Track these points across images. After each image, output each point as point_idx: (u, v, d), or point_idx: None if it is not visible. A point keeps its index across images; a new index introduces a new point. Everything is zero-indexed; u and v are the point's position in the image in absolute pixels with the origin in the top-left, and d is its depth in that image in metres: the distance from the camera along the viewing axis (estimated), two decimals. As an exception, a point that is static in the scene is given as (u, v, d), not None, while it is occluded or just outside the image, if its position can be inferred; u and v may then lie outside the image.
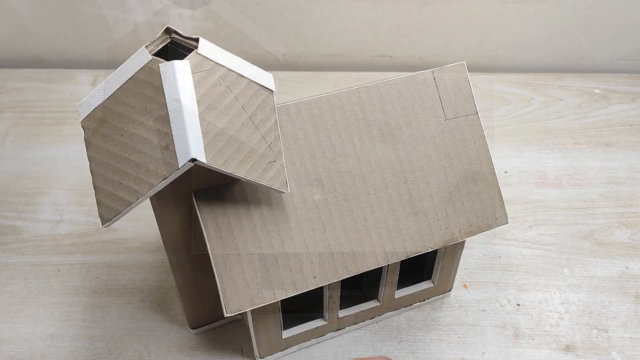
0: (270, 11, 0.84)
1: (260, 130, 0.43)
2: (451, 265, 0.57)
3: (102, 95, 0.41)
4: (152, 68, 0.39)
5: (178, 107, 0.38)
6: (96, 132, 0.41)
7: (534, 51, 0.89)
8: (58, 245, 0.67)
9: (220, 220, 0.45)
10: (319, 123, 0.48)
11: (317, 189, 0.48)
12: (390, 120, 0.50)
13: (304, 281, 0.47)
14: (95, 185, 0.41)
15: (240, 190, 0.46)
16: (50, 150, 0.77)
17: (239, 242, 0.45)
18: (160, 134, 0.39)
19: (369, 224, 0.48)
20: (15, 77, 0.87)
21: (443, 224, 0.50)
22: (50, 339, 0.59)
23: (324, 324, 0.56)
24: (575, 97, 0.85)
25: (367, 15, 0.85)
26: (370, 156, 0.49)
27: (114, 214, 0.41)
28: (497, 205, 0.52)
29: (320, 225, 0.47)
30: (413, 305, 0.60)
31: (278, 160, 0.44)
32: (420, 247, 0.50)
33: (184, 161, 0.38)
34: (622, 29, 0.86)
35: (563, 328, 0.59)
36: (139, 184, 0.40)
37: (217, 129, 0.40)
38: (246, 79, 0.43)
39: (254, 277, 0.45)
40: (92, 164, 0.41)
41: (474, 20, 0.85)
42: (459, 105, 0.51)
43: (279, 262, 0.46)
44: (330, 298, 0.53)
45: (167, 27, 0.41)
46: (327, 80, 0.87)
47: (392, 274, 0.54)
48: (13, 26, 0.87)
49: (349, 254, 0.48)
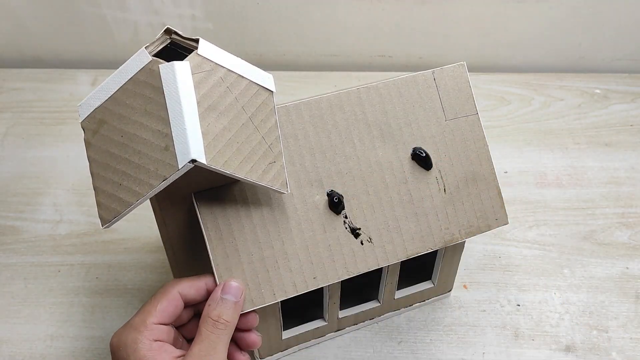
0: (270, 11, 0.84)
1: (261, 131, 0.43)
2: (451, 265, 0.57)
3: (102, 96, 0.41)
4: (152, 69, 0.39)
5: (178, 108, 0.38)
6: (96, 133, 0.41)
7: (534, 51, 0.89)
8: (58, 245, 0.67)
9: (220, 221, 0.45)
10: (319, 123, 0.48)
11: (317, 189, 0.48)
12: (391, 121, 0.50)
13: (304, 282, 0.47)
14: (95, 186, 0.41)
15: (240, 191, 0.46)
16: (50, 150, 0.77)
17: (239, 243, 0.45)
18: (160, 135, 0.39)
19: (369, 225, 0.48)
20: (14, 77, 0.87)
21: (443, 224, 0.50)
22: (50, 340, 0.59)
23: (324, 324, 0.56)
24: (575, 97, 0.85)
25: (367, 15, 0.85)
26: (371, 157, 0.49)
27: (114, 215, 0.41)
28: (497, 206, 0.51)
29: (321, 226, 0.47)
30: (413, 305, 0.60)
31: (278, 161, 0.44)
32: (420, 247, 0.49)
33: (183, 162, 0.38)
34: (622, 29, 0.86)
35: (563, 328, 0.59)
36: (139, 185, 0.39)
37: (217, 130, 0.40)
38: (246, 79, 0.42)
39: (253, 278, 0.45)
40: (92, 165, 0.41)
41: (474, 20, 0.85)
42: (459, 106, 0.51)
43: (279, 262, 0.46)
44: (331, 298, 0.53)
45: (167, 27, 0.41)
46: (327, 80, 0.87)
47: (392, 275, 0.54)
48: (13, 26, 0.87)
49: (348, 255, 0.48)
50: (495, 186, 0.51)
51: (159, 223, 0.48)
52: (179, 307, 0.45)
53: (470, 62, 0.90)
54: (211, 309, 0.44)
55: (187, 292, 0.45)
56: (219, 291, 0.44)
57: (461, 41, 0.88)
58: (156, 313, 0.44)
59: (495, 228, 0.52)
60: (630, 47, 0.88)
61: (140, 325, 0.43)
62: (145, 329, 0.43)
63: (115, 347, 0.44)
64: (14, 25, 0.87)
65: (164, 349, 0.43)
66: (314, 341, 0.58)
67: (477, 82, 0.86)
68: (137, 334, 0.43)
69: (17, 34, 0.88)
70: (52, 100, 0.83)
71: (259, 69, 0.44)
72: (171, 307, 0.44)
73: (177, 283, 0.45)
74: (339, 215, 0.48)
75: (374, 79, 0.50)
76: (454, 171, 0.50)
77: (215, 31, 0.86)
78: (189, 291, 0.45)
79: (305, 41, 0.88)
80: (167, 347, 0.44)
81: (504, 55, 0.90)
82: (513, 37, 0.87)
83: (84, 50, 0.89)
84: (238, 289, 0.44)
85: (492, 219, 0.51)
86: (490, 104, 0.84)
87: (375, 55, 0.90)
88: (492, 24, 0.86)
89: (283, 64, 0.91)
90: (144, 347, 0.42)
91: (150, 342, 0.43)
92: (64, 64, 0.90)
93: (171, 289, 0.45)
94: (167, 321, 0.44)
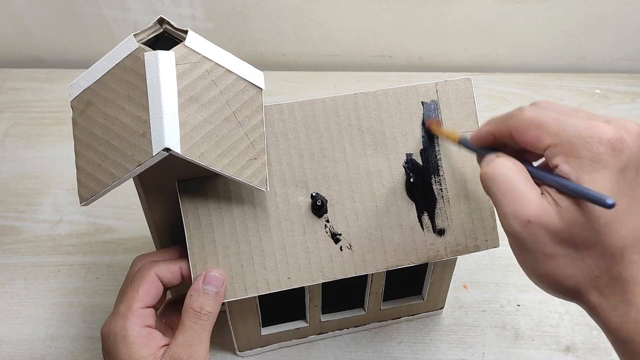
0: (270, 11, 0.84)
1: (244, 126, 0.43)
2: (442, 281, 0.56)
3: (90, 79, 0.42)
4: (137, 56, 0.40)
5: (157, 97, 0.39)
6: (82, 114, 0.42)
7: (534, 51, 0.89)
8: (58, 245, 0.67)
9: (200, 211, 0.45)
10: (311, 125, 0.48)
11: (302, 190, 0.47)
12: (385, 129, 0.49)
13: (277, 281, 0.46)
14: (77, 165, 0.42)
15: (224, 184, 0.46)
16: (50, 150, 0.77)
17: (217, 235, 0.45)
18: (140, 121, 0.39)
19: (351, 232, 0.48)
20: (14, 77, 0.87)
21: (429, 240, 0.49)
22: (49, 340, 0.59)
23: (306, 326, 0.56)
24: (575, 97, 0.85)
25: (367, 15, 0.85)
26: (360, 163, 0.48)
27: (91, 194, 0.41)
28: (489, 227, 0.50)
29: (300, 227, 0.47)
30: (401, 319, 0.59)
31: (260, 158, 0.44)
32: (402, 260, 0.48)
33: (157, 150, 0.39)
34: (622, 29, 0.86)
35: (563, 329, 0.59)
36: (116, 167, 0.40)
37: (196, 122, 0.40)
38: (234, 74, 0.43)
39: (227, 271, 0.46)
40: (76, 144, 0.42)
41: (474, 20, 0.85)
42: (460, 121, 0.49)
43: (255, 259, 0.46)
44: (311, 301, 0.52)
45: (160, 17, 0.42)
46: (327, 80, 0.87)
47: (377, 284, 0.53)
48: (13, 26, 0.87)
49: (326, 259, 0.47)
50: (489, 206, 0.49)
51: (144, 208, 0.49)
52: (160, 288, 0.46)
53: (470, 62, 0.91)
54: (193, 299, 0.44)
55: (163, 274, 0.46)
56: (200, 282, 0.44)
57: (461, 41, 0.88)
58: (140, 297, 0.45)
59: (484, 250, 0.50)
60: (630, 47, 0.88)
61: (127, 312, 0.44)
62: (133, 315, 0.44)
63: (105, 336, 0.44)
64: (14, 25, 0.87)
65: (151, 336, 0.44)
66: (314, 341, 0.58)
67: (477, 82, 0.85)
68: (125, 321, 0.44)
69: (17, 34, 0.88)
70: (52, 100, 0.83)
71: (250, 66, 0.44)
72: (153, 289, 0.45)
73: (152, 266, 0.46)
74: (320, 218, 0.47)
75: (374, 79, 0.50)
76: (447, 187, 0.49)
77: (215, 31, 0.86)
78: (164, 274, 0.46)
79: (305, 41, 0.88)
80: (155, 335, 0.45)
81: (504, 55, 0.90)
82: (513, 37, 0.87)
83: (84, 50, 0.89)
84: (219, 279, 0.45)
85: (482, 239, 0.50)
86: (490, 104, 0.84)
87: (375, 55, 0.90)
88: (492, 24, 0.86)
89: (283, 64, 0.91)
90: (133, 334, 0.43)
91: (139, 329, 0.44)
92: (64, 64, 0.90)
93: (148, 271, 0.46)
94: (150, 304, 0.45)
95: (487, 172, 0.38)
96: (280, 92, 0.84)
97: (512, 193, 0.36)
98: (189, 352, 0.43)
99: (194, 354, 0.43)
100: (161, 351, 0.44)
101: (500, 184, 0.37)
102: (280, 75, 0.86)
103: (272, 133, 0.47)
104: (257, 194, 0.46)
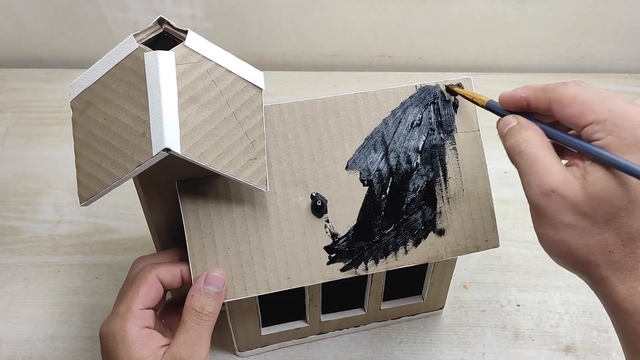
0: (270, 11, 0.84)
1: (244, 126, 0.43)
2: (441, 281, 0.56)
3: (91, 79, 0.42)
4: (137, 56, 0.40)
5: (157, 97, 0.39)
6: (82, 114, 0.42)
7: (534, 51, 0.89)
8: (58, 245, 0.67)
9: (200, 211, 0.45)
10: (311, 125, 0.48)
11: (302, 190, 0.47)
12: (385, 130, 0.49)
13: (277, 281, 0.46)
14: (77, 165, 0.42)
15: (224, 184, 0.46)
16: (50, 150, 0.77)
17: (217, 235, 0.45)
18: (139, 121, 0.39)
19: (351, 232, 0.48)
20: (15, 77, 0.87)
21: (429, 240, 0.49)
22: (50, 340, 0.59)
23: (306, 326, 0.55)
24: (575, 97, 0.85)
25: (367, 15, 0.85)
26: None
27: (91, 194, 0.41)
28: (489, 227, 0.50)
29: (300, 227, 0.47)
30: (402, 319, 0.59)
31: (260, 158, 0.44)
32: (402, 261, 0.48)
33: (157, 150, 0.39)
34: (622, 29, 0.86)
35: (563, 329, 0.59)
36: (115, 167, 0.40)
37: (196, 122, 0.40)
38: (234, 74, 0.43)
39: (227, 271, 0.46)
40: (76, 144, 0.42)
41: (474, 20, 0.85)
42: (459, 121, 0.50)
43: (254, 259, 0.46)
44: (311, 301, 0.52)
45: (160, 17, 0.42)
46: (328, 80, 0.87)
47: (377, 284, 0.53)
48: (13, 26, 0.87)
49: (326, 259, 0.47)
50: (489, 207, 0.50)
51: (144, 208, 0.48)
52: (160, 290, 0.46)
53: (470, 62, 0.91)
54: (194, 300, 0.44)
55: (163, 276, 0.46)
56: (201, 282, 0.45)
57: (461, 41, 0.88)
58: (139, 299, 0.44)
59: (484, 250, 0.50)
60: (630, 47, 0.88)
61: (126, 313, 0.44)
62: (132, 315, 0.44)
63: (104, 337, 0.44)
64: (14, 25, 0.87)
65: (151, 336, 0.44)
66: (314, 340, 0.58)
67: (477, 82, 0.85)
68: (124, 322, 0.43)
69: (17, 34, 0.88)
70: (52, 100, 0.83)
71: (250, 66, 0.44)
72: (153, 291, 0.45)
73: (154, 267, 0.46)
74: (320, 218, 0.47)
75: (374, 78, 0.50)
76: (447, 187, 0.49)
77: (215, 31, 0.86)
78: (165, 276, 0.46)
79: (305, 41, 0.88)
80: (154, 335, 0.44)
81: (504, 55, 0.90)
82: (513, 37, 0.87)
83: (84, 50, 0.89)
84: (220, 280, 0.45)
85: (482, 240, 0.50)
86: (490, 104, 0.84)
87: (375, 55, 0.89)
88: (492, 24, 0.86)
89: (283, 64, 0.91)
90: (132, 335, 0.43)
91: (138, 329, 0.44)
92: (64, 64, 0.90)
93: (149, 273, 0.45)
94: (150, 305, 0.45)
95: (514, 145, 0.39)
96: (280, 92, 0.84)
97: (537, 166, 0.38)
98: (190, 352, 0.43)
99: (195, 354, 0.43)
100: (161, 351, 0.44)
101: (527, 158, 0.38)
102: (280, 75, 0.86)
103: (272, 133, 0.47)
104: (257, 194, 0.46)
